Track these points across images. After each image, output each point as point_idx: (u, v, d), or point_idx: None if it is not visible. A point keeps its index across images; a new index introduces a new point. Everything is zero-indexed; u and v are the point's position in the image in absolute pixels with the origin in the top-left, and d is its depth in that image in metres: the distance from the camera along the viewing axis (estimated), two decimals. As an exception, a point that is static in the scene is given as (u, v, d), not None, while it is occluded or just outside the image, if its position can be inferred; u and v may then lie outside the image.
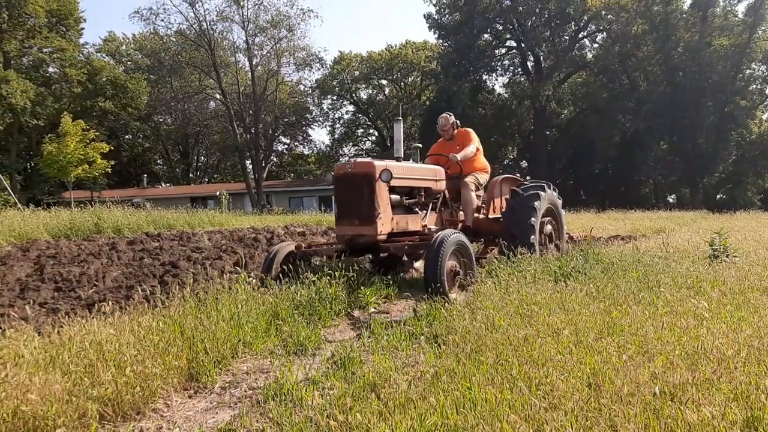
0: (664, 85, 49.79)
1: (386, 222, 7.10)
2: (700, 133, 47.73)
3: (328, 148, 68.16)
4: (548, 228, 9.02)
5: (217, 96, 53.12)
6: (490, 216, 9.06)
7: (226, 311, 5.16)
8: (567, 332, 4.25)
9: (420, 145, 9.49)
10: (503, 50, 58.23)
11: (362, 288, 6.78)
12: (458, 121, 9.28)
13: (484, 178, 9.18)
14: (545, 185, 8.95)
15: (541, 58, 55.56)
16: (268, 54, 50.81)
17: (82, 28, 48.44)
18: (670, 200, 57.26)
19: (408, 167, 7.75)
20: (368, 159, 7.24)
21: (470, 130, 9.15)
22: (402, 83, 64.58)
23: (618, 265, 7.41)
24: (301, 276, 6.60)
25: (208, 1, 76.77)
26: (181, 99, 55.71)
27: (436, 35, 57.53)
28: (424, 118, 58.04)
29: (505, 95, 59.46)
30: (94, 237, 13.97)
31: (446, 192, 8.56)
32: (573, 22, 54.09)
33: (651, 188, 57.93)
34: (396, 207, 7.46)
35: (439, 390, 3.31)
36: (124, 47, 62.21)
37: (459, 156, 8.62)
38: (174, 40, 51.08)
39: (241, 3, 47.35)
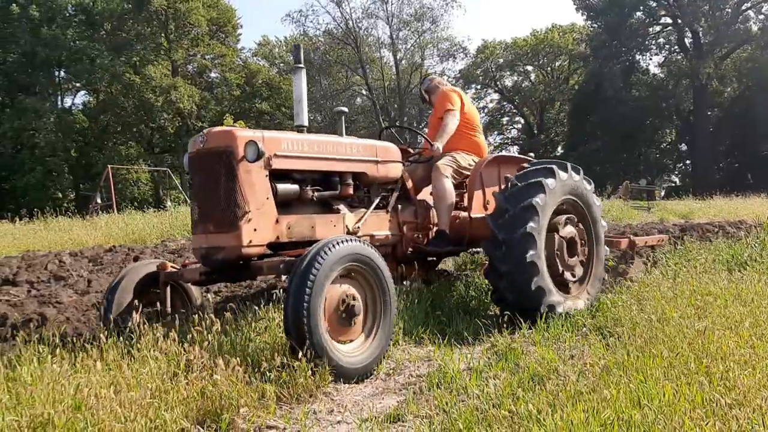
0: None
1: (263, 226, 4.56)
2: None
3: (473, 138, 67.81)
4: (564, 233, 5.76)
5: (364, 92, 54.52)
6: (473, 215, 6.00)
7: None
8: (747, 325, 3.97)
9: (345, 109, 6.16)
10: (657, 28, 54.98)
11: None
12: (436, 81, 6.64)
13: (468, 160, 6.24)
14: (556, 167, 5.69)
15: (700, 34, 51.81)
16: (412, 47, 51.39)
17: (239, 34, 51.61)
18: None
19: (316, 141, 5.09)
20: (227, 127, 4.85)
21: (451, 90, 6.37)
22: (549, 68, 62.79)
23: (801, 254, 6.81)
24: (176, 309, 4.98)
25: (354, -1, 79.00)
26: (329, 96, 57.65)
27: (584, 16, 55.40)
28: (574, 103, 56.20)
29: (661, 75, 56.10)
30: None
31: (407, 181, 5.91)
32: (736, -7, 50.03)
33: (833, 169, 52.43)
34: (290, 203, 4.90)
35: (610, 383, 3.21)
36: (276, 50, 65.31)
37: (438, 143, 5.91)
38: (322, 40, 52.97)
39: (385, -1, 48.24)
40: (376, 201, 5.58)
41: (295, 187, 4.88)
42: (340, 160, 5.21)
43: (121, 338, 4.14)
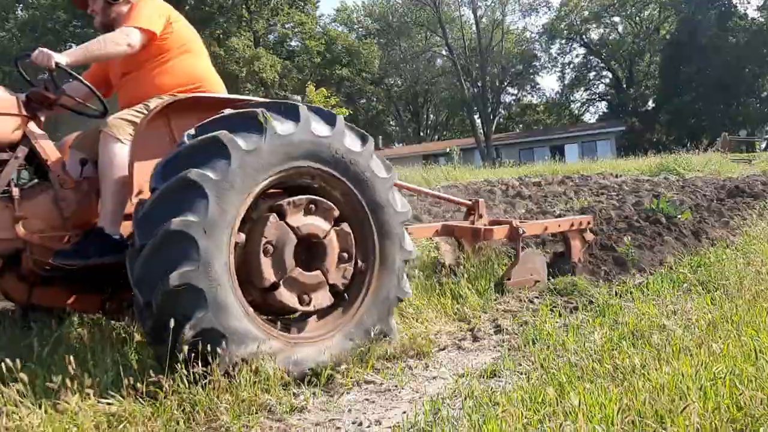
0: None
1: None
2: None
3: (557, 95, 66.01)
4: (297, 226, 3.28)
5: (444, 52, 53.86)
6: (137, 199, 3.34)
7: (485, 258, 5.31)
8: None
9: None
10: (757, -32, 51.55)
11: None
12: None
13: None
14: (264, 113, 3.15)
15: (805, -29, 48.26)
16: (493, 3, 50.23)
17: (318, 2, 51.73)
18: None
19: None
20: None
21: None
22: (637, 18, 60.02)
23: None
24: None
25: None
26: (409, 59, 57.28)
27: (675, -39, 52.54)
28: (665, 54, 53.66)
29: (761, 19, 52.65)
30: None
31: (40, 149, 3.38)
32: None
33: None
34: None
35: (718, 338, 3.08)
36: (355, 15, 65.30)
37: (67, 56, 3.30)
38: (400, 2, 52.52)
39: (464, -45, 47.26)
40: None
41: None
42: None
43: None
